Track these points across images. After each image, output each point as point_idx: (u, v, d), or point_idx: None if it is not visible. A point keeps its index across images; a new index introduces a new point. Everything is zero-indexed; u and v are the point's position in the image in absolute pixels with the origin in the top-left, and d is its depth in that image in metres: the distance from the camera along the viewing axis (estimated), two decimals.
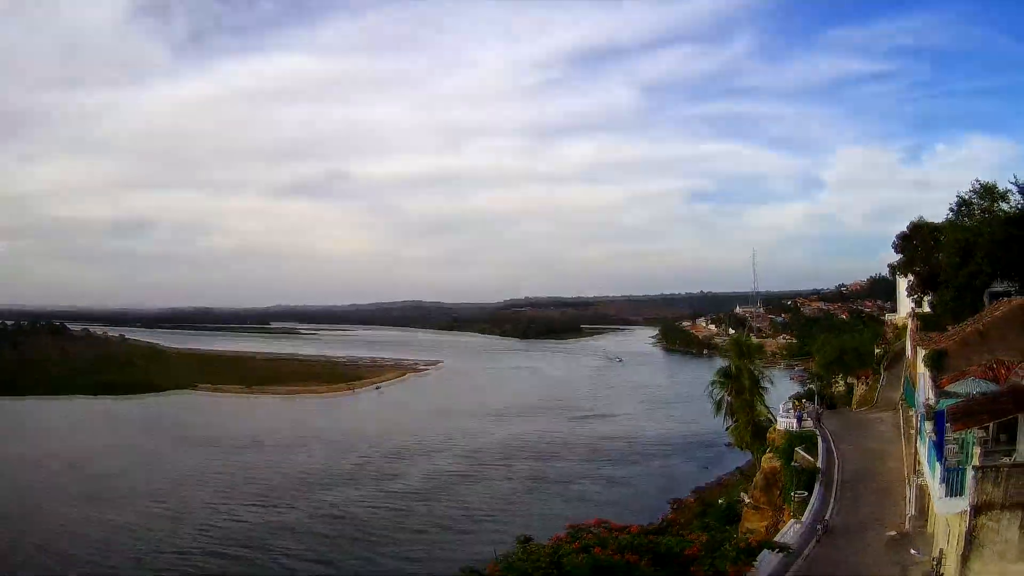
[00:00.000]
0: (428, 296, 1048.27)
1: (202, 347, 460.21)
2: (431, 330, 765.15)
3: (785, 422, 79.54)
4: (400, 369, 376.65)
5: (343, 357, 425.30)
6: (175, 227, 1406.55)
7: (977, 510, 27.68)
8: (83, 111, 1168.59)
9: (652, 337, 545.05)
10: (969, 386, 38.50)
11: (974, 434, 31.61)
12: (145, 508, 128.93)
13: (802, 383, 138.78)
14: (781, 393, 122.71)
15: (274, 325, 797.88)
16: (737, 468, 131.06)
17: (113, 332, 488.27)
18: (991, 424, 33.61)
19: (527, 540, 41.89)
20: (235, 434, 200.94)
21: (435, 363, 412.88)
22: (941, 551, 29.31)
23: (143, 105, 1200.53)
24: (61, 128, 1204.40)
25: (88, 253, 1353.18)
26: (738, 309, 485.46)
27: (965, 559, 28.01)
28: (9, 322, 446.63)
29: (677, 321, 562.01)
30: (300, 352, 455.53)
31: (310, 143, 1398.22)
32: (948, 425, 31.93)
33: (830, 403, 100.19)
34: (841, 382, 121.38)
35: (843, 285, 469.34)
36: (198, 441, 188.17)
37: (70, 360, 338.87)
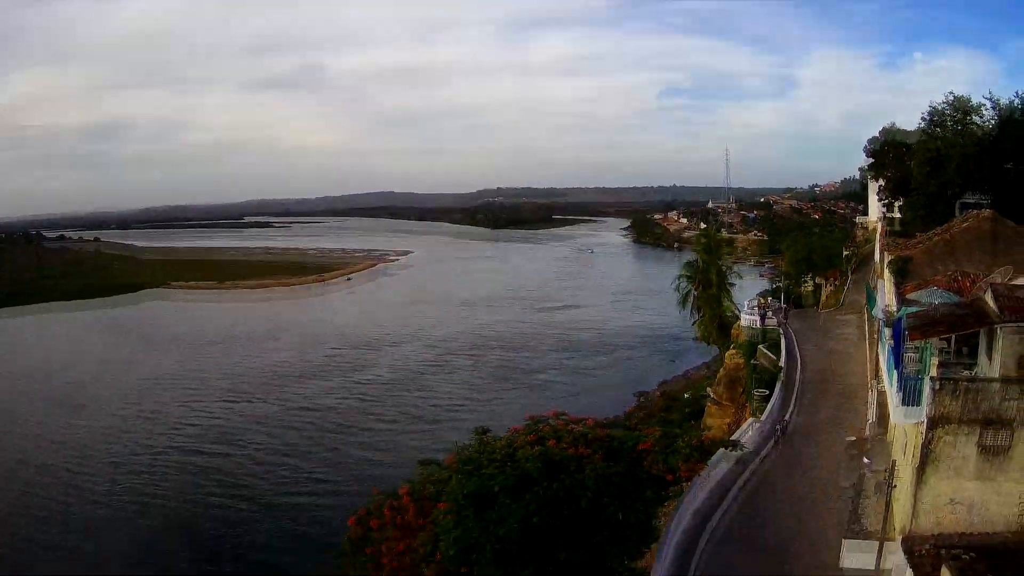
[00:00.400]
0: (401, 187, 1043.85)
1: (176, 245, 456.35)
2: (403, 221, 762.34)
3: (748, 319, 79.83)
4: (371, 260, 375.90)
5: (314, 250, 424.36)
6: (149, 128, 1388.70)
7: (933, 422, 27.29)
8: (56, 22, 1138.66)
9: (624, 229, 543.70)
10: (932, 296, 38.27)
11: (933, 345, 31.36)
12: (119, 411, 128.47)
13: (771, 281, 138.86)
14: (749, 290, 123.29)
15: (247, 220, 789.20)
16: (704, 363, 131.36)
17: (88, 236, 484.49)
18: (952, 337, 33.41)
19: (484, 432, 42.08)
20: (206, 331, 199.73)
21: (405, 253, 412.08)
22: (894, 462, 29.09)
23: (118, 11, 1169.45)
24: (36, 39, 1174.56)
25: (63, 160, 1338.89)
26: (711, 204, 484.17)
27: (921, 472, 27.77)
28: None
29: (649, 214, 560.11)
30: (272, 246, 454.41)
31: (284, 38, 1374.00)
32: (906, 333, 31.63)
33: (797, 302, 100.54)
34: (809, 282, 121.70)
35: (816, 186, 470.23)
36: (170, 340, 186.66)
37: (44, 268, 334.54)
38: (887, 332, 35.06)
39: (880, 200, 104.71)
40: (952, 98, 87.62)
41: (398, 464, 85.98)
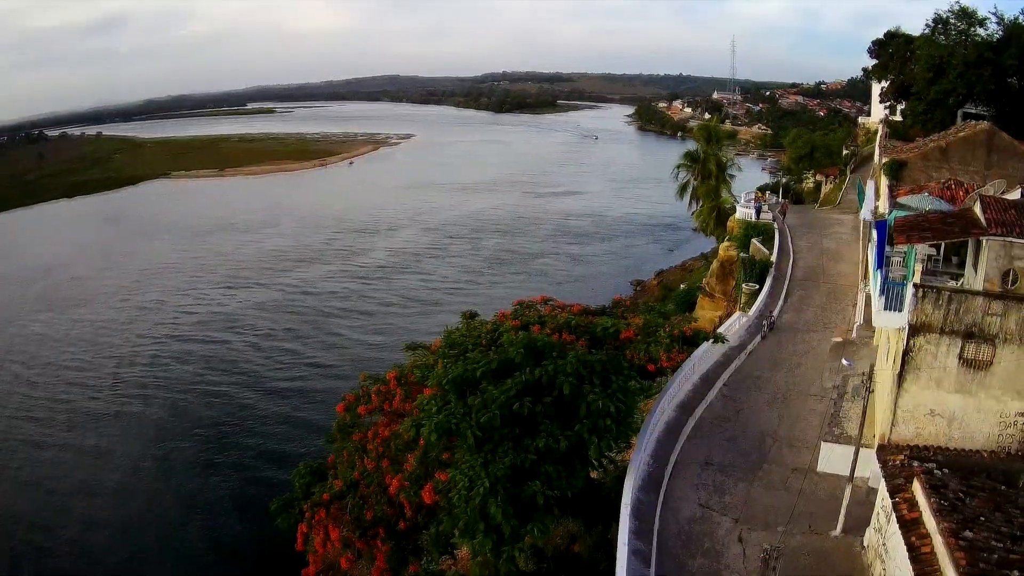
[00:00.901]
0: (404, 70, 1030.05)
1: (178, 134, 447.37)
2: (407, 104, 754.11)
3: (743, 212, 79.33)
4: (372, 143, 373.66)
5: (316, 133, 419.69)
6: (150, 20, 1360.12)
7: (914, 329, 27.15)
8: None
9: (627, 116, 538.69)
10: (923, 202, 38.03)
11: (918, 249, 31.21)
12: (121, 304, 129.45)
13: (773, 175, 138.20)
14: (750, 182, 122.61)
15: (250, 106, 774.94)
16: (702, 253, 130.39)
17: (91, 131, 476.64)
18: (942, 244, 33.23)
19: (472, 316, 42.43)
20: (207, 219, 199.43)
21: (408, 136, 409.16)
22: (872, 367, 29.12)
23: None
24: None
25: (66, 58, 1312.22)
26: (716, 95, 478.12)
27: (900, 379, 27.76)
28: None
29: (654, 102, 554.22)
30: (273, 131, 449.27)
31: None
32: (892, 236, 31.45)
33: (797, 199, 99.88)
34: (811, 179, 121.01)
35: (823, 82, 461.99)
36: (171, 229, 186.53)
37: (47, 165, 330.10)
38: (874, 233, 34.83)
39: (882, 102, 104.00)
40: (957, 5, 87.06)
41: (394, 347, 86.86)
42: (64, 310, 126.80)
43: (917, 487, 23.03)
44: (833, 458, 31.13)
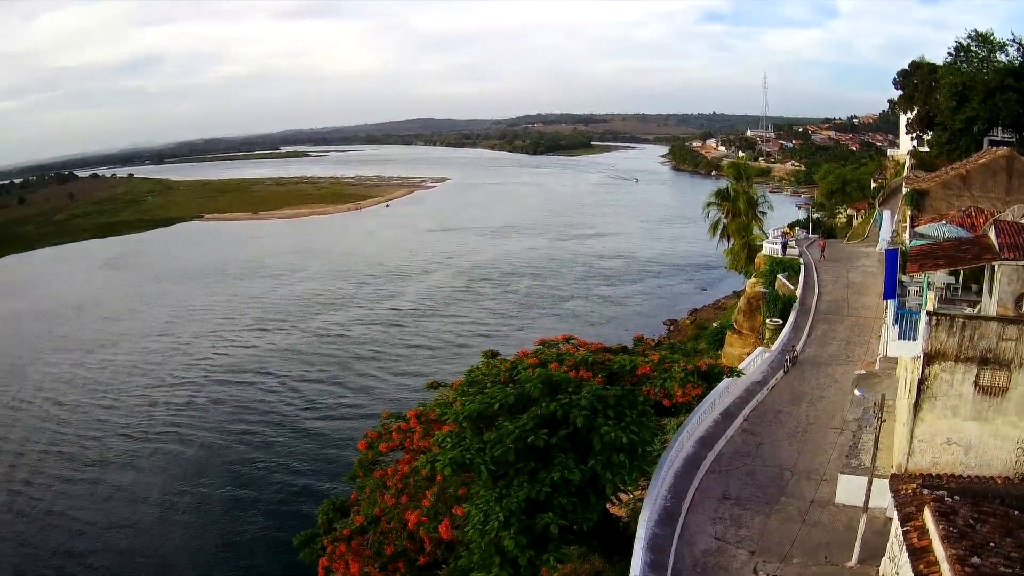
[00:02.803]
0: (438, 113, 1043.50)
1: (211, 177, 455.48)
2: (441, 147, 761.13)
3: (770, 248, 79.44)
4: (407, 187, 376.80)
5: (351, 177, 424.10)
6: (183, 60, 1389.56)
7: (929, 358, 27.07)
8: None
9: (662, 156, 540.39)
10: (940, 230, 37.85)
11: (935, 278, 31.09)
12: (151, 345, 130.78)
13: (806, 210, 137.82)
14: (782, 218, 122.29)
15: (284, 149, 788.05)
16: (735, 291, 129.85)
17: (122, 172, 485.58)
18: (961, 272, 33.07)
19: (494, 355, 42.97)
20: (239, 262, 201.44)
21: (442, 180, 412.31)
22: (883, 396, 28.91)
23: None
24: None
25: (96, 97, 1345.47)
26: (749, 132, 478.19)
27: (917, 409, 27.60)
28: (18, 180, 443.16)
29: (687, 141, 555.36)
30: (308, 174, 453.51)
31: None
32: (907, 265, 31.35)
33: (829, 233, 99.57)
34: (843, 213, 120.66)
35: (855, 116, 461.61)
36: (203, 271, 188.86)
37: (77, 206, 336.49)
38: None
39: (908, 133, 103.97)
40: (975, 32, 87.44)
41: (420, 388, 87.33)
42: (94, 350, 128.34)
43: (927, 514, 22.89)
44: (851, 489, 30.82)
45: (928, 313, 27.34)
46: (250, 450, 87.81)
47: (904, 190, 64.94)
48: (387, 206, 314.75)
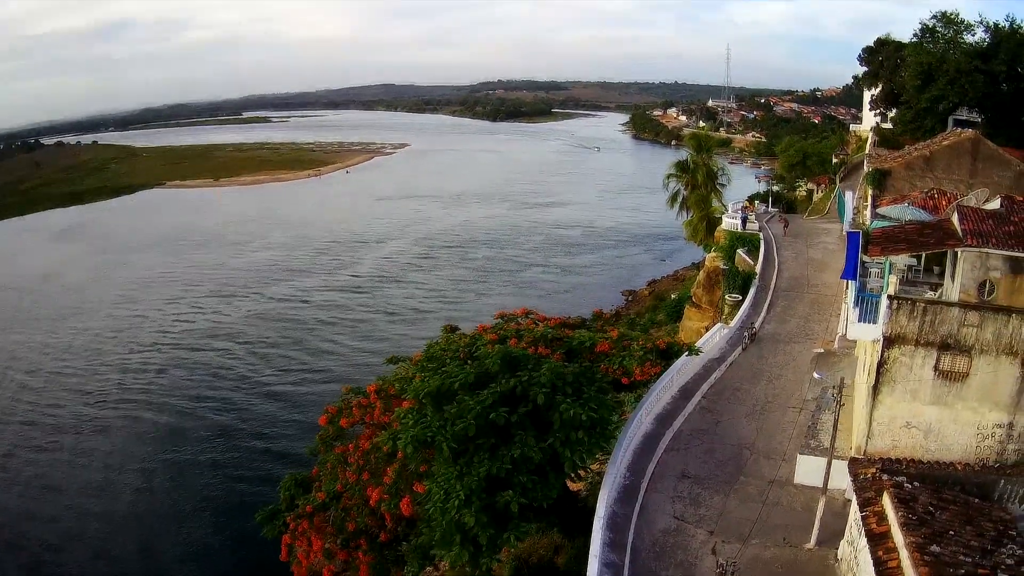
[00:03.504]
0: (400, 79, 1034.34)
1: (174, 143, 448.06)
2: (402, 112, 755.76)
3: (730, 222, 79.44)
4: (367, 153, 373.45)
5: (311, 142, 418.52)
6: (150, 28, 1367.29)
7: (889, 342, 27.20)
8: None
9: (622, 124, 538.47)
10: (904, 212, 37.92)
11: (897, 261, 31.25)
12: (116, 313, 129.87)
13: (766, 183, 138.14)
14: (742, 191, 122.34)
15: (246, 115, 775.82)
16: (693, 263, 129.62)
17: (87, 140, 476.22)
18: (923, 255, 33.22)
19: (453, 330, 42.82)
20: (201, 230, 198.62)
21: (402, 146, 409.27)
22: (842, 379, 28.99)
23: None
24: None
25: (65, 65, 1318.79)
26: (711, 102, 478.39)
27: (876, 391, 27.75)
28: None
29: (648, 110, 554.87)
30: (269, 140, 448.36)
31: None
32: (867, 247, 31.43)
33: (789, 207, 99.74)
34: (803, 187, 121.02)
35: (818, 89, 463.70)
36: (165, 240, 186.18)
37: (42, 174, 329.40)
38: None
39: (872, 110, 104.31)
40: (940, 13, 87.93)
41: (380, 357, 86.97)
42: (62, 319, 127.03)
43: (887, 500, 23.03)
44: (810, 470, 31.00)
45: (889, 297, 27.44)
46: (208, 424, 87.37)
47: (866, 168, 65.21)
48: (347, 172, 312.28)
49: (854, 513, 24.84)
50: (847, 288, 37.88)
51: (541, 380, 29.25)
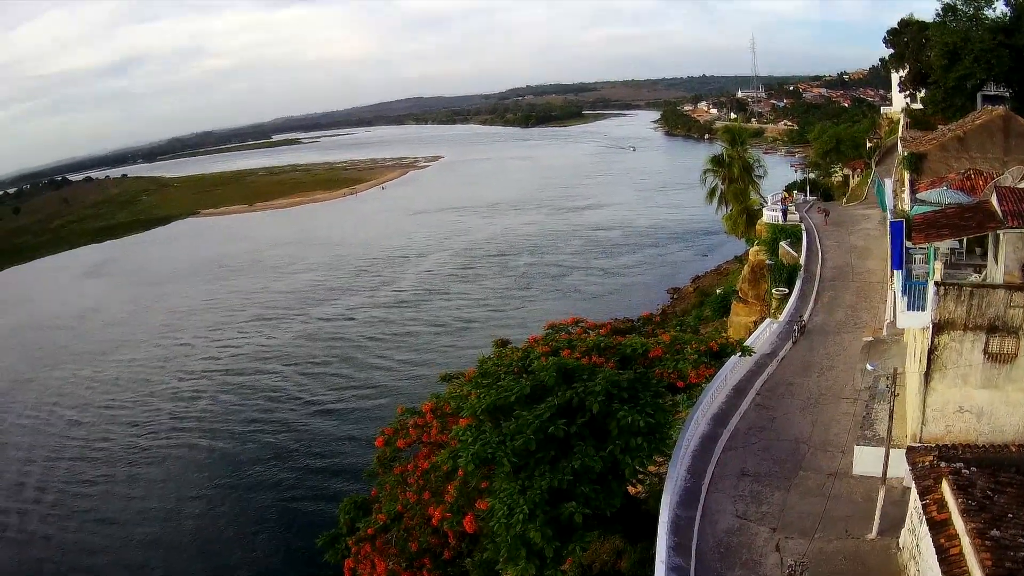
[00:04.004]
0: (428, 91, 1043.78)
1: (204, 171, 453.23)
2: (432, 124, 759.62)
3: (771, 215, 79.44)
4: (401, 168, 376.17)
5: (344, 161, 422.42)
6: (166, 58, 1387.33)
7: (938, 328, 27.29)
8: None
9: (654, 122, 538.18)
10: (942, 196, 37.88)
11: (940, 245, 31.32)
12: (161, 343, 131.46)
13: (801, 170, 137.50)
14: (778, 180, 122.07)
15: (275, 138, 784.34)
16: (735, 256, 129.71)
17: (115, 173, 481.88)
18: (964, 237, 33.26)
19: (504, 344, 43.17)
20: (238, 256, 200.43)
21: (436, 158, 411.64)
22: (896, 370, 29.14)
23: None
24: None
25: (83, 101, 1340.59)
26: (740, 93, 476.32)
27: (928, 379, 27.88)
28: (11, 189, 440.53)
29: (678, 105, 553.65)
30: (301, 161, 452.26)
31: None
32: (913, 236, 31.51)
33: (826, 194, 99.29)
34: (838, 172, 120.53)
35: (845, 73, 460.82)
36: (202, 269, 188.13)
37: (72, 211, 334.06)
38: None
39: (902, 91, 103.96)
40: None
41: (428, 372, 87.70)
42: (99, 357, 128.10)
43: (945, 488, 23.24)
44: (867, 460, 31.20)
45: (936, 283, 27.55)
46: (263, 448, 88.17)
47: (900, 150, 65.03)
48: (383, 188, 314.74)
49: (914, 501, 25.02)
50: (892, 276, 38.03)
51: (596, 389, 29.63)
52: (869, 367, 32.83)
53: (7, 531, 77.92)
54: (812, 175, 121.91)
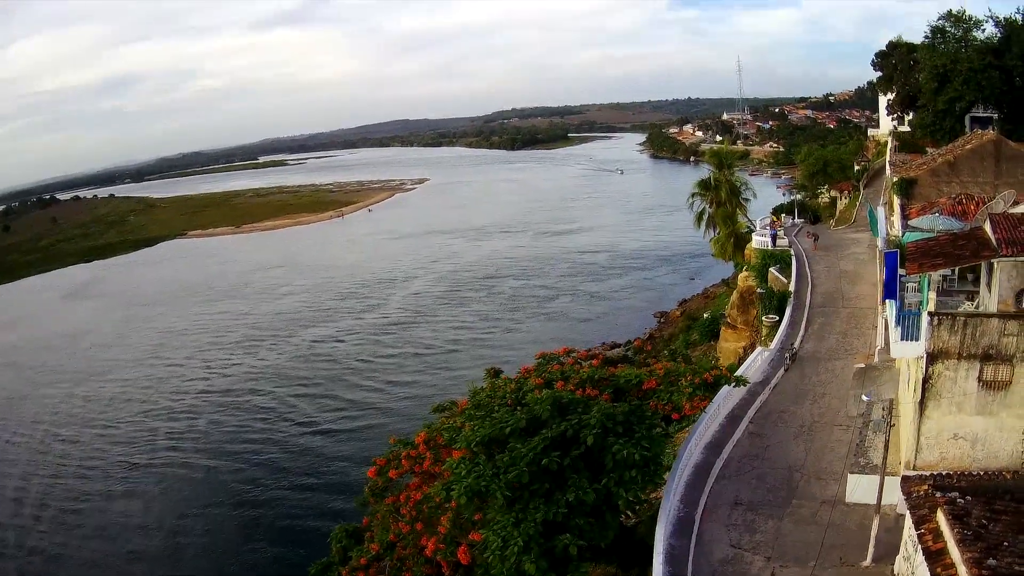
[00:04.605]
0: (414, 114, 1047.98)
1: (192, 192, 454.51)
2: (418, 147, 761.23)
3: (760, 240, 79.61)
4: (387, 190, 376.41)
5: (330, 184, 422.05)
6: (160, 78, 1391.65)
7: (932, 357, 27.44)
8: None
9: (639, 144, 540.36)
10: (933, 222, 38.12)
11: (932, 274, 31.47)
12: (146, 371, 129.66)
13: (787, 192, 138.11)
14: (765, 203, 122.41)
15: (262, 159, 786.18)
16: (723, 280, 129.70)
17: (103, 193, 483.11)
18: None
19: (496, 374, 43.06)
20: (225, 279, 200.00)
21: (422, 181, 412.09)
22: (890, 400, 29.28)
23: None
24: (38, 4, 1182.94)
25: (75, 120, 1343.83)
26: (726, 116, 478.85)
27: (922, 407, 28.03)
28: (0, 207, 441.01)
29: (664, 127, 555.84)
30: (288, 183, 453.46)
31: None
32: (907, 265, 31.64)
33: (814, 216, 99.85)
34: (825, 194, 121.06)
35: (830, 94, 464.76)
36: (190, 291, 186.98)
37: (61, 230, 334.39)
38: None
39: (889, 114, 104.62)
40: (949, 13, 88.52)
41: (416, 399, 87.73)
42: (89, 378, 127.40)
43: (941, 518, 23.23)
44: (860, 488, 31.15)
45: (929, 314, 27.69)
46: (252, 472, 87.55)
47: (889, 174, 65.37)
48: (369, 211, 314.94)
49: (908, 529, 25.05)
50: (883, 305, 38.12)
51: (591, 422, 29.65)
52: (865, 398, 32.94)
53: (6, 547, 77.87)
54: (799, 196, 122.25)
